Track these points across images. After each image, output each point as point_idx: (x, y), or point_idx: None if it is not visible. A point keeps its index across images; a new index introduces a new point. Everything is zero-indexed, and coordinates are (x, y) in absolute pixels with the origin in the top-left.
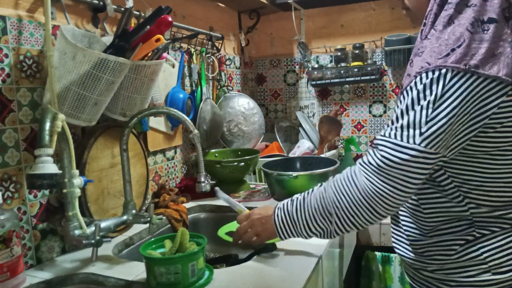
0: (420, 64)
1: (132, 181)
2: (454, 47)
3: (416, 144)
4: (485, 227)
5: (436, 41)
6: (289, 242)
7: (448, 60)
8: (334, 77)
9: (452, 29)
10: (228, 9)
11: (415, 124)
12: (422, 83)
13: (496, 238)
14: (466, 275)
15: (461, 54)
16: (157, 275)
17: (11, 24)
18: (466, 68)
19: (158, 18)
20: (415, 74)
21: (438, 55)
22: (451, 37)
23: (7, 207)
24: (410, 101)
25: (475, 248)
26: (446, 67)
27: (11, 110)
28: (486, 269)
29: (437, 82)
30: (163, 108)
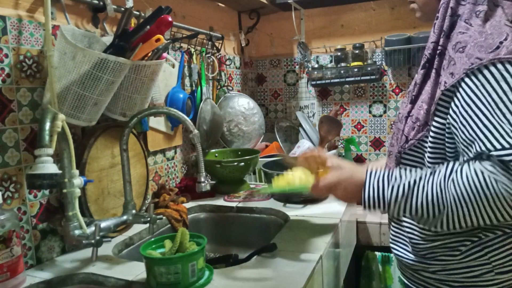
0: (467, 60)
1: (132, 181)
2: (502, 40)
3: None
4: (490, 229)
5: (479, 36)
6: (289, 242)
7: (500, 53)
8: (334, 77)
9: (491, 24)
10: (228, 9)
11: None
12: (489, 79)
13: (499, 238)
14: (470, 275)
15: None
16: (157, 275)
17: (11, 24)
18: None
19: (158, 18)
20: (466, 72)
21: (488, 48)
22: (494, 31)
23: (7, 207)
24: (493, 100)
25: (479, 248)
26: (501, 60)
27: (11, 110)
28: (490, 269)
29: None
30: (163, 108)
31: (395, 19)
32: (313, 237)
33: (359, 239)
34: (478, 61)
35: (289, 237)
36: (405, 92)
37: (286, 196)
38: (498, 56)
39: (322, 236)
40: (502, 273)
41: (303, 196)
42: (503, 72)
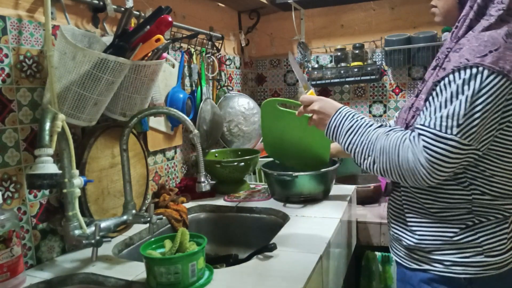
0: (458, 59)
1: (132, 181)
2: (492, 50)
3: (453, 134)
4: (483, 215)
5: (475, 41)
6: (289, 242)
7: (485, 60)
8: (334, 77)
9: (490, 33)
10: (228, 9)
11: (454, 116)
12: (461, 78)
13: (492, 225)
14: (462, 256)
15: (496, 58)
16: (157, 275)
17: (11, 24)
18: (501, 70)
19: (158, 18)
20: (453, 68)
21: (477, 53)
22: (490, 40)
23: (7, 207)
24: (450, 95)
25: (473, 232)
26: (483, 66)
27: (11, 110)
28: (480, 252)
29: (475, 79)
30: (163, 108)
31: (395, 19)
32: (313, 237)
33: (359, 239)
34: (465, 62)
35: (289, 237)
36: (405, 92)
37: (286, 195)
38: (482, 62)
39: (322, 236)
40: (490, 257)
41: (303, 195)
42: (477, 75)
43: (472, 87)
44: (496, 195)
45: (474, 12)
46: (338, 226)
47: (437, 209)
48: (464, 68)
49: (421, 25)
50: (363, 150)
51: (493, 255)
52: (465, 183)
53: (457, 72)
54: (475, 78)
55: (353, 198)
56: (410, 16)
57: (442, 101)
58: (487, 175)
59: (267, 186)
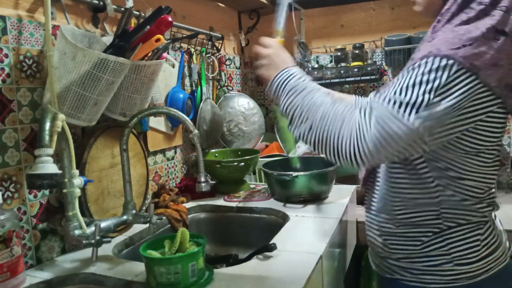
0: (429, 48)
1: (132, 181)
2: (466, 44)
3: (409, 121)
4: (452, 219)
5: (450, 33)
6: (289, 242)
7: (458, 53)
8: (334, 77)
9: (468, 27)
10: (228, 9)
11: (415, 104)
12: (429, 66)
13: (462, 231)
14: (430, 264)
15: (470, 53)
16: (157, 275)
17: (11, 24)
18: (470, 67)
19: (158, 18)
20: (422, 57)
21: (451, 45)
22: (466, 34)
23: (7, 207)
24: (415, 80)
25: (441, 239)
26: (454, 59)
27: (11, 110)
28: (449, 260)
29: (443, 71)
30: (163, 108)
31: (395, 19)
32: (313, 237)
33: (359, 239)
34: (435, 51)
35: (289, 237)
36: None
37: (286, 195)
38: (453, 55)
39: (322, 236)
40: (460, 265)
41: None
42: (446, 68)
43: (439, 79)
44: (466, 197)
45: (458, 5)
46: (338, 226)
47: (405, 213)
48: (434, 56)
49: (421, 25)
50: (302, 112)
51: (463, 263)
52: (432, 183)
53: (425, 59)
54: (443, 70)
55: (353, 198)
56: (410, 16)
57: (407, 85)
58: (453, 176)
59: (267, 186)
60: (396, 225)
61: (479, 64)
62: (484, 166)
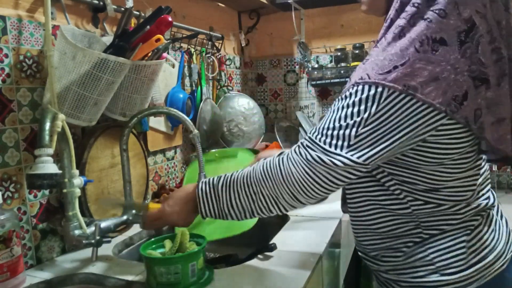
0: (360, 73)
1: (132, 181)
2: (397, 65)
3: (342, 153)
4: (432, 226)
5: (382, 53)
6: (289, 242)
7: (387, 78)
8: (334, 77)
9: (400, 43)
10: (228, 9)
11: (345, 137)
12: (357, 96)
13: (445, 239)
14: (416, 276)
15: (402, 74)
16: (157, 275)
17: (11, 24)
18: (404, 89)
19: (158, 18)
20: (353, 84)
21: (380, 69)
22: (397, 53)
23: (7, 207)
24: (344, 114)
25: (422, 249)
26: (383, 86)
27: (11, 110)
28: (434, 270)
29: (372, 100)
30: (163, 108)
31: None
32: (313, 237)
33: None
34: (366, 78)
35: (289, 237)
36: None
37: None
38: (382, 82)
39: (322, 236)
40: (447, 275)
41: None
42: (376, 96)
43: (368, 110)
44: (444, 203)
45: (396, 11)
46: (338, 226)
47: (383, 226)
48: (363, 85)
49: None
50: (247, 192)
51: (449, 273)
52: (400, 195)
53: (355, 88)
54: (372, 100)
55: None
56: None
57: (336, 118)
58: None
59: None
60: (378, 238)
61: (415, 84)
62: (461, 172)
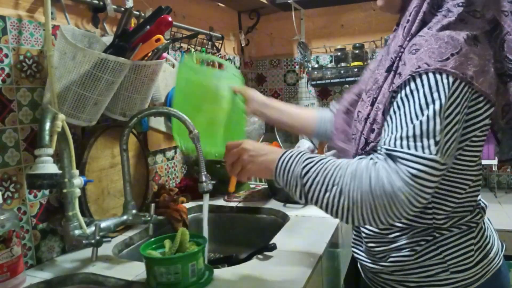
0: (416, 63)
1: (132, 181)
2: (454, 53)
3: (433, 154)
4: (444, 228)
5: (435, 42)
6: (289, 242)
7: (448, 65)
8: (334, 77)
9: (450, 34)
10: (228, 9)
11: (429, 133)
12: (424, 85)
13: (454, 237)
14: (426, 275)
15: (459, 62)
16: (157, 275)
17: (11, 24)
18: (464, 77)
19: (158, 18)
20: (411, 74)
21: (438, 57)
22: (450, 42)
23: (7, 207)
24: (416, 108)
25: (434, 247)
26: (446, 72)
27: (11, 110)
28: (445, 268)
29: (443, 86)
30: (163, 108)
31: (395, 19)
32: (313, 237)
33: None
34: (425, 66)
35: (289, 237)
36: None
37: (286, 196)
38: (444, 68)
39: (322, 236)
40: (457, 272)
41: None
42: (439, 82)
43: (440, 97)
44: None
45: (428, 4)
46: (338, 226)
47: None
48: (425, 73)
49: None
50: (326, 179)
51: (459, 270)
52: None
53: (418, 78)
54: (443, 86)
55: None
56: None
57: (409, 117)
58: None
59: (267, 186)
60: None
61: (471, 72)
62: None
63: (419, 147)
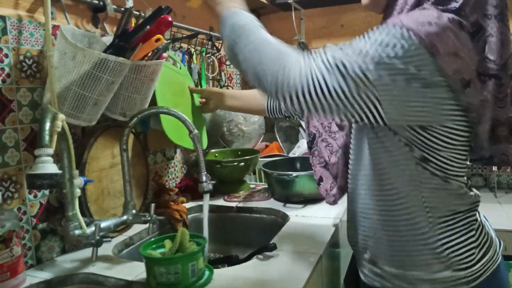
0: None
1: (132, 181)
2: (432, 22)
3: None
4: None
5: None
6: (289, 242)
7: (421, 30)
8: None
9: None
10: None
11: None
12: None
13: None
14: (428, 272)
15: (434, 32)
16: (157, 275)
17: (11, 24)
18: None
19: (158, 18)
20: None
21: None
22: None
23: (7, 207)
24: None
25: (438, 244)
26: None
27: (11, 110)
28: (448, 266)
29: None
30: (163, 108)
31: None
32: (313, 237)
33: None
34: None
35: (289, 237)
36: None
37: (286, 195)
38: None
39: (322, 236)
40: (459, 270)
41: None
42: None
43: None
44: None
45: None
46: (338, 226)
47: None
48: (393, 26)
49: None
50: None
51: (461, 268)
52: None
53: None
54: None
55: None
56: None
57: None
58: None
59: (267, 186)
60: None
61: (439, 47)
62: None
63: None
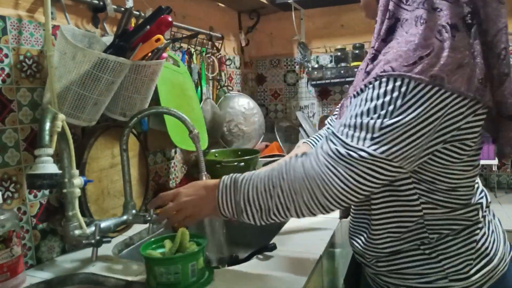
0: (383, 66)
1: (132, 181)
2: (423, 55)
3: (365, 146)
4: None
5: (405, 44)
6: (289, 242)
7: (414, 70)
8: (334, 77)
9: (423, 31)
10: (228, 9)
11: (368, 129)
12: (381, 88)
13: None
14: (424, 281)
15: (428, 65)
16: (157, 275)
17: (11, 24)
18: (431, 81)
19: (158, 18)
20: (375, 77)
21: (405, 61)
22: (421, 42)
23: (7, 207)
24: (367, 107)
25: (434, 255)
26: (410, 78)
27: (11, 110)
28: (444, 276)
29: (398, 92)
30: (163, 108)
31: None
32: (313, 237)
33: None
34: (390, 70)
35: (289, 237)
36: None
37: None
38: (409, 74)
39: (322, 236)
40: (456, 281)
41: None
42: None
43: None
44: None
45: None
46: (338, 226)
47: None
48: (387, 77)
49: None
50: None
51: (458, 278)
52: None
53: (379, 81)
54: (399, 90)
55: None
56: None
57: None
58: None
59: None
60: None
61: (441, 73)
62: (473, 169)
63: (355, 137)
